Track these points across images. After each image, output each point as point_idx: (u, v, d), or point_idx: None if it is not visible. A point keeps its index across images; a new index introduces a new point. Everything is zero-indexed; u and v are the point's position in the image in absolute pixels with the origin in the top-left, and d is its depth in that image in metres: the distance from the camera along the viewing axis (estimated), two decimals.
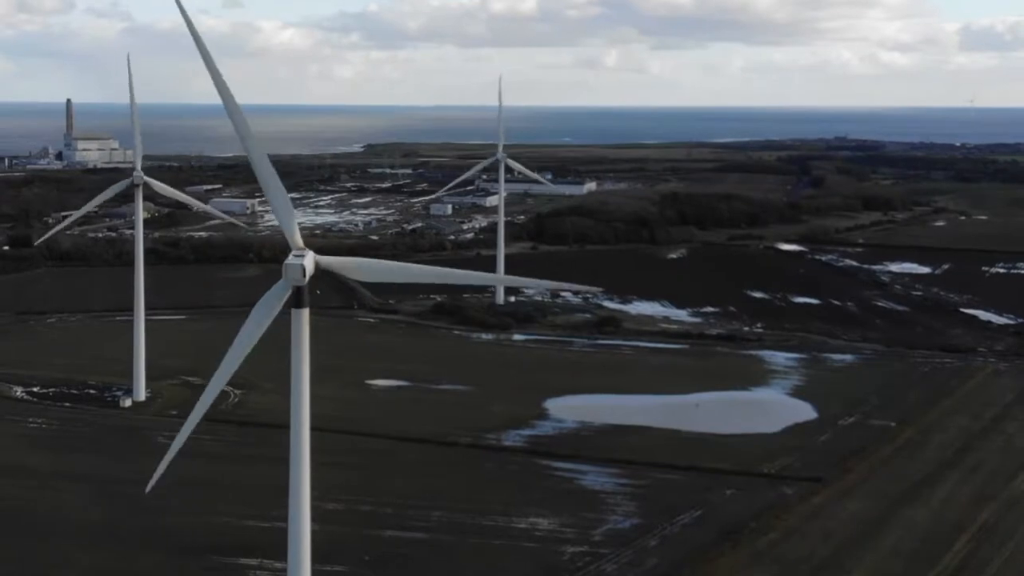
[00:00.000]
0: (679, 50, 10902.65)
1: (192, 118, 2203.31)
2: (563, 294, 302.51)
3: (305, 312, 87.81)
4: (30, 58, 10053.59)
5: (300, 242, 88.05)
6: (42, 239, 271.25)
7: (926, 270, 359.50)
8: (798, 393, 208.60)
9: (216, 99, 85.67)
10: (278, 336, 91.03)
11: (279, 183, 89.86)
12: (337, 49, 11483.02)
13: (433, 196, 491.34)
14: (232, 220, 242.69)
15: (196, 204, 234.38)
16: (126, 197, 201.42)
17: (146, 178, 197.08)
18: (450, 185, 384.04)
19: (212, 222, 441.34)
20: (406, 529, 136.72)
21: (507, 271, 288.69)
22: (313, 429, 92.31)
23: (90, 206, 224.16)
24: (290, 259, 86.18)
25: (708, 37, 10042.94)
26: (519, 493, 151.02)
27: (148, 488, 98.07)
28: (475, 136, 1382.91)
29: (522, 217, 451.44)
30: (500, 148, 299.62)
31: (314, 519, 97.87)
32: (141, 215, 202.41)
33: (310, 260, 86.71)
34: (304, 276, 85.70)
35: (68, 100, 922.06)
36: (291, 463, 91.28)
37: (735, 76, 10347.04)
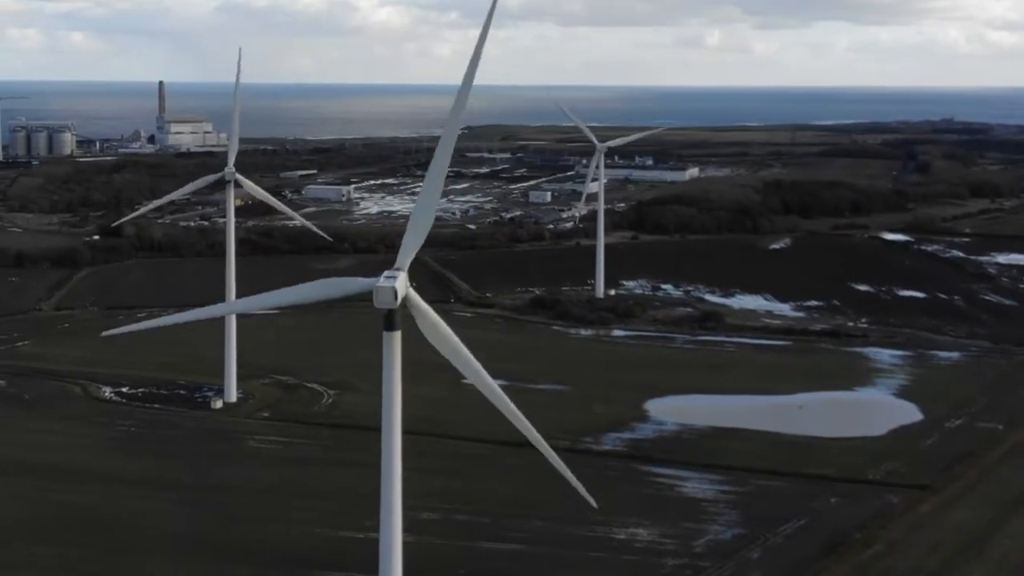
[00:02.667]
0: (783, 29, 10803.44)
1: (285, 99, 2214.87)
2: (663, 286, 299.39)
3: (396, 335, 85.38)
4: (122, 36, 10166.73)
5: (404, 262, 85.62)
6: (118, 222, 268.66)
7: None
8: (903, 393, 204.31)
9: (310, 79, 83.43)
10: (375, 333, 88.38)
11: (437, 196, 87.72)
12: (435, 27, 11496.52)
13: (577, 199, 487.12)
14: (317, 231, 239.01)
15: (285, 211, 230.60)
16: (220, 183, 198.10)
17: (238, 176, 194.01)
18: (584, 196, 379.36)
19: (307, 209, 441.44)
20: (502, 540, 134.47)
21: (607, 262, 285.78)
22: (409, 432, 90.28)
23: (175, 195, 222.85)
24: (382, 280, 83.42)
25: (812, 16, 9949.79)
26: (619, 501, 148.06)
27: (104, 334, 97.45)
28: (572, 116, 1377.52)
29: (622, 205, 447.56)
30: (596, 141, 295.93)
31: (409, 530, 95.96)
32: (232, 214, 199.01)
33: (403, 282, 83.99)
34: (395, 299, 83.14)
35: (161, 82, 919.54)
36: (382, 489, 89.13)
37: (840, 56, 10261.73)
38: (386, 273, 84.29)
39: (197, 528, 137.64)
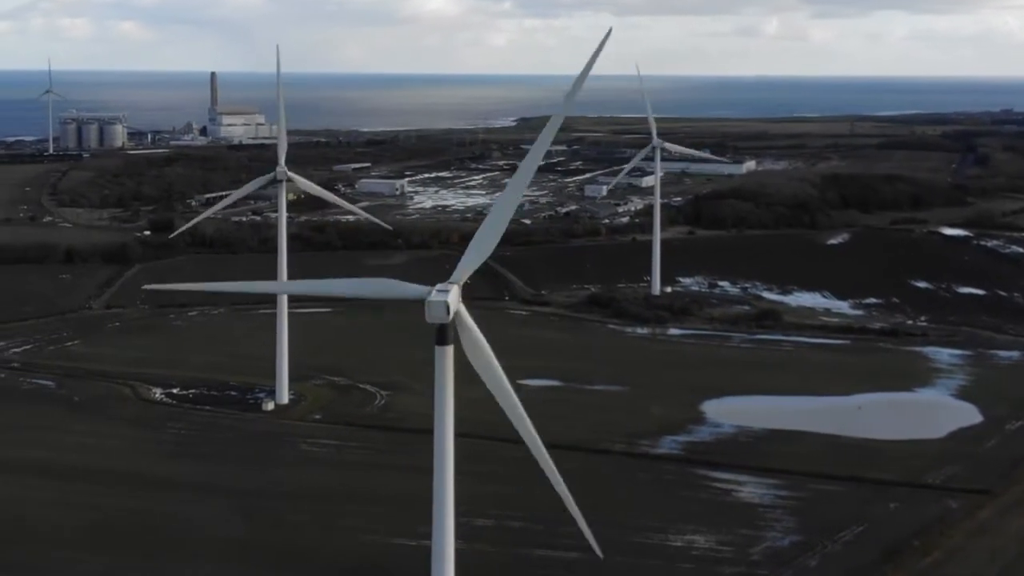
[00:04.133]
0: (840, 18, 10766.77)
1: (337, 89, 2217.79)
2: (720, 283, 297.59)
3: (449, 350, 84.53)
4: (173, 26, 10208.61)
5: (460, 276, 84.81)
6: (177, 232, 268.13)
7: None
8: (962, 394, 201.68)
9: (362, 69, 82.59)
10: (428, 331, 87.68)
11: (505, 220, 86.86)
12: (489, 17, 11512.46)
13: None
14: (379, 222, 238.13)
15: (344, 205, 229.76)
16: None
17: (290, 174, 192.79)
18: (619, 176, 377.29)
19: (360, 204, 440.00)
20: (557, 548, 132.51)
21: (663, 258, 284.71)
22: (463, 435, 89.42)
23: (231, 199, 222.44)
24: (434, 294, 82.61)
25: (870, 5, 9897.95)
26: (675, 507, 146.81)
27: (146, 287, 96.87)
28: (632, 108, 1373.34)
29: (679, 199, 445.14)
30: (654, 135, 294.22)
31: (463, 537, 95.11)
32: (284, 215, 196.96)
33: (455, 296, 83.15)
34: (448, 314, 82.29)
35: (213, 73, 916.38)
36: (435, 500, 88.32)
37: (897, 45, 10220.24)
38: (439, 286, 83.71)
39: (247, 535, 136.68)
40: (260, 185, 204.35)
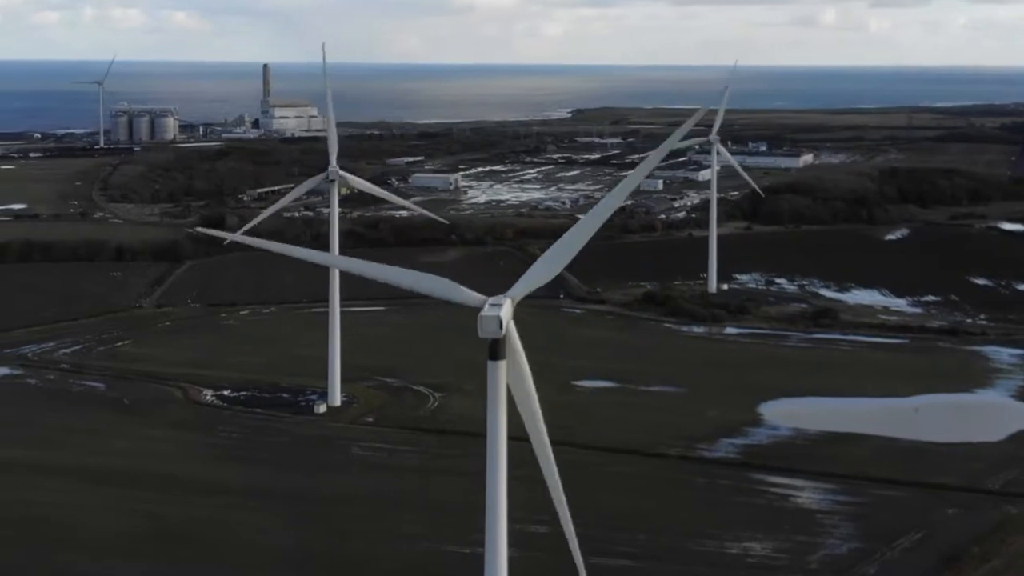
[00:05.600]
0: (899, 7, 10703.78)
1: (391, 80, 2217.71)
2: (778, 281, 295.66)
3: (502, 364, 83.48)
4: (226, 16, 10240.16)
5: (518, 293, 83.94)
6: (230, 239, 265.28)
7: None
8: (1023, 395, 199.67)
9: (417, 59, 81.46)
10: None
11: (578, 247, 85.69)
12: (545, 6, 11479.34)
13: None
14: (434, 216, 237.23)
15: (397, 201, 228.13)
16: (323, 171, 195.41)
17: (342, 173, 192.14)
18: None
19: (414, 199, 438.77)
20: (612, 556, 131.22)
21: (719, 254, 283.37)
22: (518, 439, 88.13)
23: (284, 202, 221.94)
24: (487, 309, 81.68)
25: None
26: (731, 513, 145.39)
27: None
28: (688, 100, 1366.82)
29: (735, 194, 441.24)
30: (714, 130, 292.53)
31: (517, 544, 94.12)
32: (336, 214, 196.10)
33: (508, 310, 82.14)
34: (501, 329, 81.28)
35: (265, 65, 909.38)
36: (488, 508, 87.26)
37: (956, 34, 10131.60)
38: (492, 300, 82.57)
39: (299, 542, 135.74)
40: (312, 186, 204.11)
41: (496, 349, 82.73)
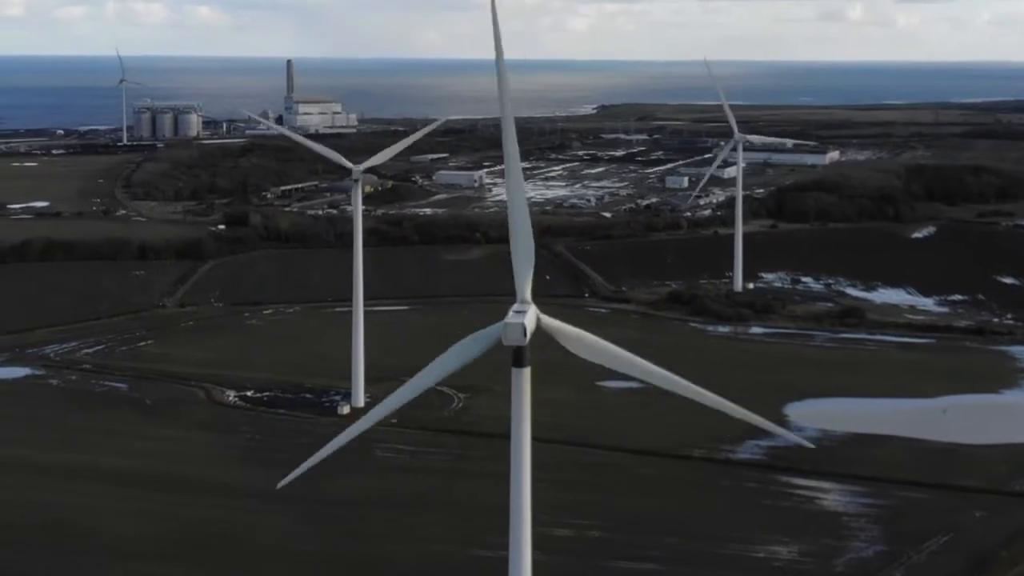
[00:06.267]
0: (925, 2, 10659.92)
1: (415, 75, 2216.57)
2: (804, 279, 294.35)
3: (526, 372, 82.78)
4: (249, 11, 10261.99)
5: (527, 295, 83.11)
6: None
7: None
8: None
9: (441, 54, 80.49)
10: None
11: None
12: (570, 1, 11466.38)
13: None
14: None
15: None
16: (347, 169, 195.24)
17: (364, 174, 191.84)
18: (700, 184, 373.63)
19: (438, 196, 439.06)
20: (637, 559, 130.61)
21: (745, 252, 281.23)
22: (543, 440, 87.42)
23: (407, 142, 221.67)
24: (511, 316, 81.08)
25: None
26: (757, 515, 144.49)
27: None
28: (713, 95, 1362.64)
29: (761, 191, 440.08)
30: (735, 131, 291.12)
31: (541, 547, 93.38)
32: (360, 215, 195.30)
33: (532, 317, 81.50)
34: (525, 336, 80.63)
35: (289, 61, 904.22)
36: (512, 512, 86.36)
37: (982, 30, 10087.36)
38: (515, 308, 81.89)
39: (322, 545, 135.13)
40: (342, 187, 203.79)
41: (520, 356, 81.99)
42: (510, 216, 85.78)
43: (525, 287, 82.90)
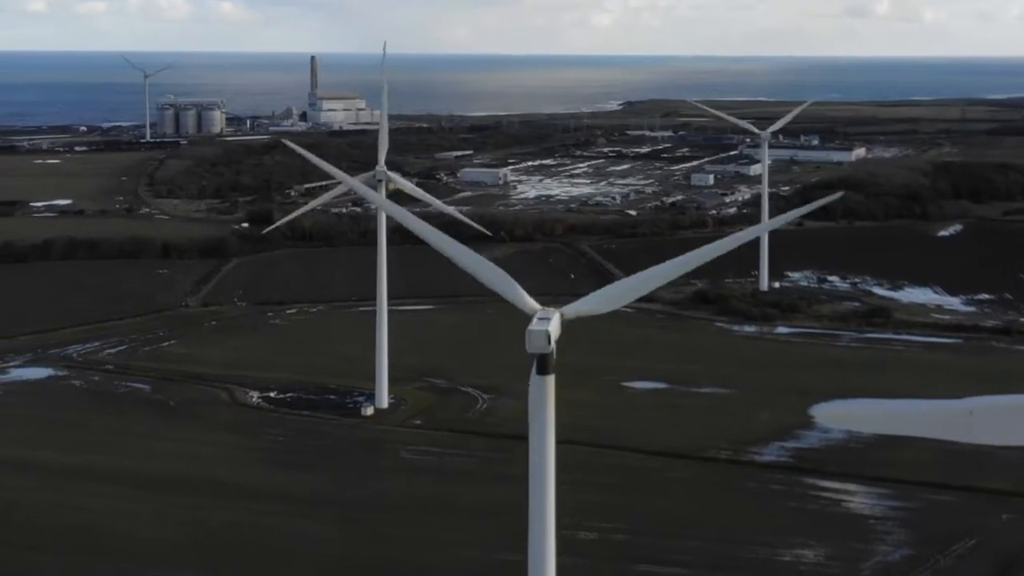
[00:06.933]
0: None
1: (440, 71, 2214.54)
2: (830, 278, 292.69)
3: (550, 379, 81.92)
4: (272, 6, 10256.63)
5: (570, 312, 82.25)
6: (269, 228, 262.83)
7: None
8: None
9: (465, 50, 79.75)
10: None
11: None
12: None
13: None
14: (475, 225, 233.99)
15: (436, 204, 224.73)
16: (370, 167, 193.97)
17: (389, 173, 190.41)
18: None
19: (463, 194, 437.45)
20: (662, 563, 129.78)
21: (771, 251, 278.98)
22: (567, 442, 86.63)
23: (324, 199, 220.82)
24: (534, 324, 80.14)
25: None
26: (783, 518, 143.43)
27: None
28: (738, 91, 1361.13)
29: (787, 189, 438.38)
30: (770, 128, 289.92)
31: (565, 551, 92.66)
32: (384, 214, 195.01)
33: (556, 322, 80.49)
34: (550, 342, 79.67)
35: (313, 57, 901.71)
36: (532, 518, 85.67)
37: (1011, 24, 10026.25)
38: (540, 314, 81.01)
39: (347, 550, 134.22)
40: (359, 185, 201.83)
41: (544, 364, 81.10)
42: (661, 268, 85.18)
43: (574, 309, 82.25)
